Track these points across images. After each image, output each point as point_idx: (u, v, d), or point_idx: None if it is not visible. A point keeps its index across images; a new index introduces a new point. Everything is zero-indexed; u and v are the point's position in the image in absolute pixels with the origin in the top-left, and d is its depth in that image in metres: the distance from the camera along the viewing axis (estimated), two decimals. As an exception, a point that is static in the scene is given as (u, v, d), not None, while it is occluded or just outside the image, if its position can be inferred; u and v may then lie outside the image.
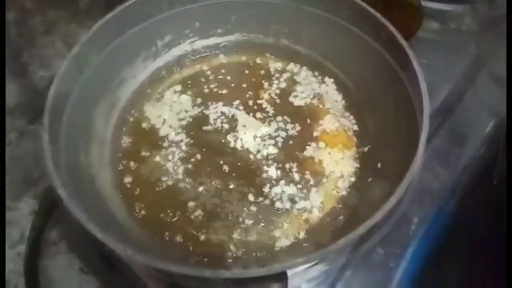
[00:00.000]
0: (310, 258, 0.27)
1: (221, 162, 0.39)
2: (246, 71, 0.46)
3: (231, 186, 0.38)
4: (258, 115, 0.42)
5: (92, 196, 0.34)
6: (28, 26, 0.44)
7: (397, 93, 0.37)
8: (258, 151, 0.40)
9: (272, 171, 0.38)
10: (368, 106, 0.41)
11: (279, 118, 0.42)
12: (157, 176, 0.39)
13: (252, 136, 0.41)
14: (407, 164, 0.30)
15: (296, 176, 0.38)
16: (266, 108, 0.43)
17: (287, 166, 0.39)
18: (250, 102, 0.43)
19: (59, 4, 0.46)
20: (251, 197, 0.37)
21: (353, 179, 0.38)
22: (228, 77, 0.45)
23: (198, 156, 0.40)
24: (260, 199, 0.37)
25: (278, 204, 0.37)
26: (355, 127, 0.41)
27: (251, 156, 0.39)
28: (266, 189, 0.37)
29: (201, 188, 0.38)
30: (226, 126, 0.42)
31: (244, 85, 0.45)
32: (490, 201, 0.42)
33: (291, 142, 0.40)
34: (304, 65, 0.46)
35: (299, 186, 0.38)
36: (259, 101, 0.43)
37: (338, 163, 0.39)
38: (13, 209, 0.49)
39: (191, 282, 0.31)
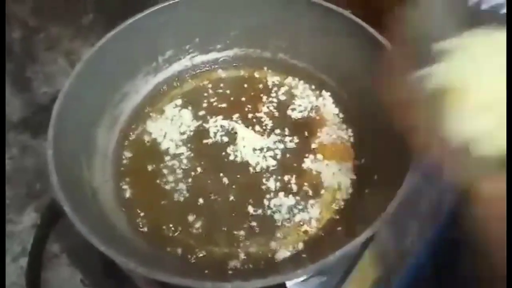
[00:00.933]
0: (309, 269, 0.28)
1: (221, 174, 0.40)
2: (245, 85, 0.47)
3: (231, 198, 0.38)
4: (257, 128, 0.43)
5: (94, 209, 0.35)
6: (32, 43, 0.45)
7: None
8: (257, 164, 0.40)
9: (271, 183, 0.39)
10: (365, 119, 0.42)
11: (277, 131, 0.43)
12: (158, 189, 0.39)
13: (251, 148, 0.41)
14: (403, 176, 0.31)
15: (295, 188, 0.39)
16: (264, 121, 0.44)
17: (285, 178, 0.39)
18: (249, 116, 0.44)
19: (62, 21, 0.47)
20: (250, 209, 0.38)
21: (350, 190, 0.39)
22: (228, 91, 0.46)
23: (199, 169, 0.40)
24: (260, 211, 0.37)
25: (277, 216, 0.37)
26: (352, 140, 0.42)
27: (251, 169, 0.40)
28: (265, 201, 0.38)
29: (201, 201, 0.38)
30: (225, 139, 0.42)
31: (243, 99, 0.45)
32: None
33: (289, 154, 0.41)
34: (302, 78, 0.47)
35: (298, 198, 0.38)
36: (258, 114, 0.44)
37: (335, 175, 0.39)
38: (16, 222, 0.49)
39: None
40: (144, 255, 0.34)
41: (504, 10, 0.32)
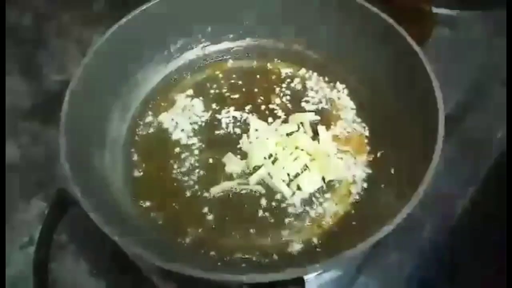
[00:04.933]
0: (328, 263, 0.27)
1: (234, 166, 0.39)
2: (258, 76, 0.46)
3: (244, 191, 0.38)
4: (270, 119, 0.42)
5: (106, 199, 0.35)
6: (43, 30, 0.44)
7: (410, 99, 0.37)
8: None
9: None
10: (380, 111, 0.41)
11: (291, 123, 0.42)
12: (169, 180, 0.39)
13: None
14: (421, 171, 0.30)
15: (309, 181, 0.38)
16: (277, 113, 0.43)
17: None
18: (262, 107, 0.43)
19: (73, 8, 0.47)
20: (263, 202, 0.37)
21: (365, 184, 0.38)
22: (240, 82, 0.46)
23: (210, 160, 0.40)
24: (273, 203, 0.37)
25: (291, 209, 0.37)
26: (367, 133, 0.41)
27: (264, 161, 0.39)
28: (278, 194, 0.37)
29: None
30: (238, 130, 0.42)
31: (256, 90, 0.45)
32: (504, 207, 0.42)
33: (303, 147, 0.40)
34: (315, 70, 0.46)
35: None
36: (270, 106, 0.43)
37: (350, 168, 0.39)
38: (24, 210, 0.49)
39: (205, 285, 0.31)
40: (156, 246, 0.34)
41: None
